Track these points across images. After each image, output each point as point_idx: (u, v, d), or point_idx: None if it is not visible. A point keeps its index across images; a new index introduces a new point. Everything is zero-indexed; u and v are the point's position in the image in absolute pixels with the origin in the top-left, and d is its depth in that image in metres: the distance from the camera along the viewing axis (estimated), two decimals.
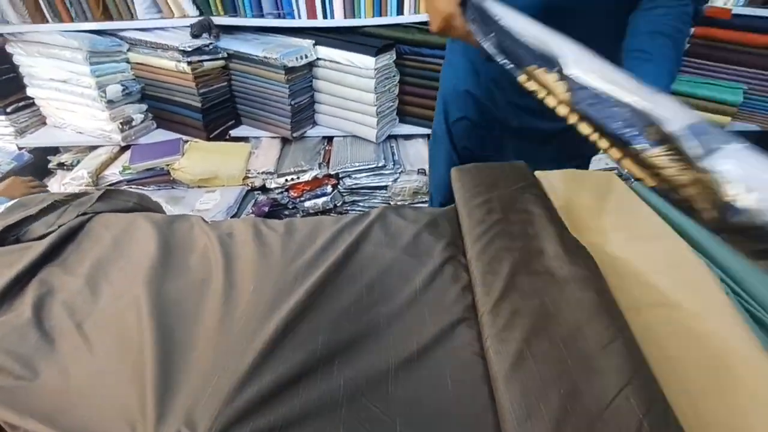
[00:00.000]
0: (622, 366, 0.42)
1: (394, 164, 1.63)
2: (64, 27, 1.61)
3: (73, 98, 1.69)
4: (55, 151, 1.94)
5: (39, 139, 1.86)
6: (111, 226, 0.74)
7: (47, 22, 1.64)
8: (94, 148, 1.82)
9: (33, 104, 1.87)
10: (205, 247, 0.69)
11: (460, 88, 0.99)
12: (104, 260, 0.66)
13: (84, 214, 0.76)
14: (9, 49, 1.70)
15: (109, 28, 1.63)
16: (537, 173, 0.85)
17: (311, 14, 1.60)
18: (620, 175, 0.86)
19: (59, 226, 0.71)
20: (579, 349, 0.45)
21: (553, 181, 0.81)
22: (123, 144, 1.74)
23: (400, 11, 1.58)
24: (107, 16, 1.64)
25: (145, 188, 1.61)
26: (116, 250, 0.69)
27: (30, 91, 1.79)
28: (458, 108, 1.02)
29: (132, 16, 1.62)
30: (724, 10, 1.52)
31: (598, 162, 1.67)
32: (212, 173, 1.56)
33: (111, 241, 0.70)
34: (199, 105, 1.62)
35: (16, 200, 0.77)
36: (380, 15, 1.59)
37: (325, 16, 1.60)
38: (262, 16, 1.62)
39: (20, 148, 1.86)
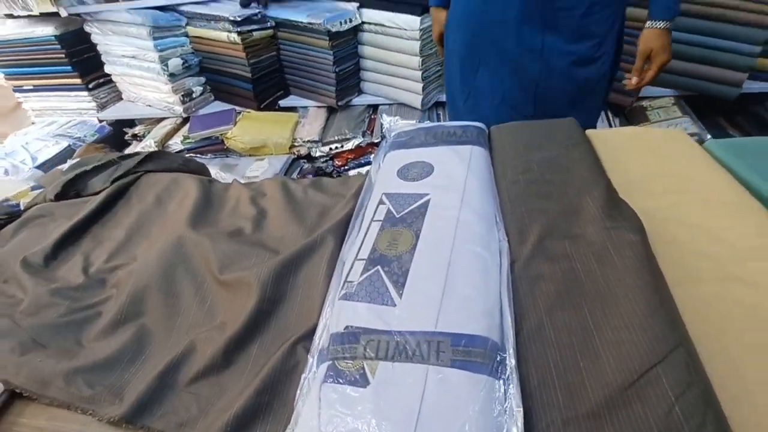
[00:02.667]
0: (658, 341, 0.36)
1: None
2: (130, 5, 1.72)
3: (140, 73, 1.83)
4: (131, 124, 2.13)
5: (116, 112, 2.05)
6: (155, 185, 0.79)
7: (116, 0, 1.76)
8: (161, 120, 1.97)
9: (110, 81, 2.05)
10: (237, 201, 0.72)
11: None
12: (145, 215, 0.71)
13: (135, 172, 0.82)
14: (87, 28, 1.86)
15: (170, 3, 1.72)
16: (590, 132, 0.75)
17: None
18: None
19: (112, 182, 0.78)
20: (608, 319, 0.39)
21: (610, 136, 0.72)
22: (184, 115, 1.85)
23: None
24: None
25: (203, 156, 1.71)
26: (158, 206, 0.74)
27: (107, 68, 1.96)
28: None
29: None
30: None
31: None
32: (261, 142, 1.61)
33: (154, 198, 0.75)
34: (250, 75, 1.66)
35: (77, 160, 0.85)
36: None
37: None
38: None
39: (101, 122, 2.06)
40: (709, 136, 1.37)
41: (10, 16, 1.96)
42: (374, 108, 1.77)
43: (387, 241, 0.52)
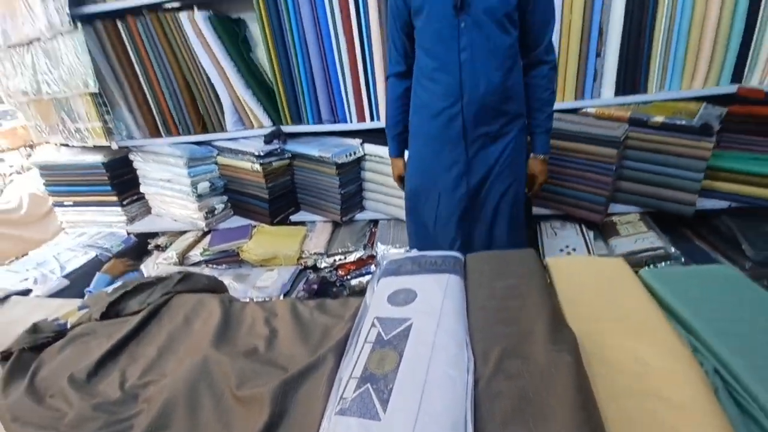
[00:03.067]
0: None
1: None
2: (172, 140, 2.07)
3: (172, 193, 2.10)
4: (154, 235, 2.35)
5: (144, 226, 2.28)
6: (184, 305, 0.93)
7: (161, 136, 2.12)
8: (183, 232, 2.19)
9: (142, 198, 2.33)
10: (253, 320, 0.85)
11: None
12: (174, 334, 0.84)
13: (167, 293, 0.97)
14: (131, 157, 2.19)
15: (205, 139, 2.06)
16: (548, 259, 0.91)
17: (360, 118, 1.90)
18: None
19: (148, 304, 0.92)
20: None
21: (563, 266, 0.87)
22: (206, 229, 2.07)
23: None
24: (204, 129, 2.08)
25: (218, 267, 1.88)
26: (186, 326, 0.87)
27: (142, 189, 2.25)
28: None
29: (223, 129, 2.04)
30: (758, 90, 1.53)
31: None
32: (272, 254, 1.79)
33: (182, 318, 0.89)
34: (267, 196, 1.92)
35: (120, 283, 1.01)
36: None
37: (372, 119, 1.88)
38: (321, 122, 1.95)
39: (128, 234, 2.29)
40: (673, 249, 1.53)
41: (66, 145, 2.33)
42: (375, 222, 1.99)
43: (376, 360, 0.64)
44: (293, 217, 2.07)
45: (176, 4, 1.86)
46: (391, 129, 1.39)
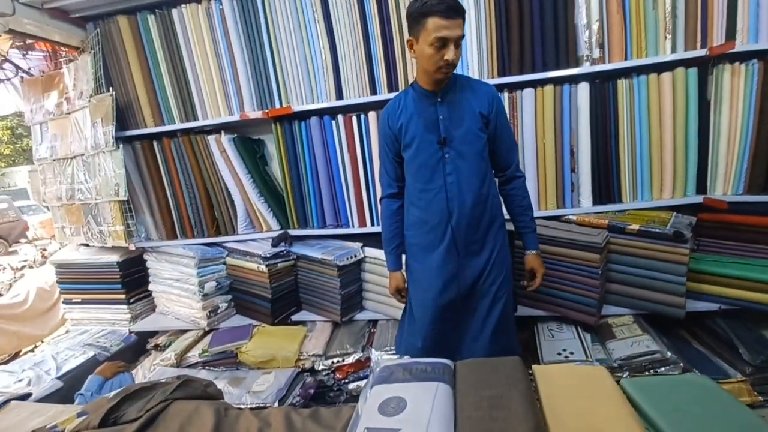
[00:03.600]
0: None
1: None
2: (186, 242, 2.22)
3: (178, 292, 2.18)
4: (155, 333, 2.36)
5: (146, 324, 2.31)
6: (180, 413, 0.95)
7: (176, 238, 2.27)
8: (184, 331, 2.21)
9: (149, 296, 2.40)
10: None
11: None
12: None
13: (165, 400, 1.00)
14: (145, 257, 2.32)
15: (217, 241, 2.21)
16: (534, 367, 0.95)
17: (362, 223, 2.06)
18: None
19: (147, 411, 0.94)
20: None
21: (548, 374, 0.91)
22: (207, 328, 2.10)
23: None
24: (217, 232, 2.24)
25: (215, 369, 1.87)
26: None
27: (151, 287, 2.34)
28: None
29: (234, 232, 2.20)
30: (720, 201, 1.68)
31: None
32: (271, 356, 1.79)
33: (178, 428, 0.90)
34: (270, 296, 1.99)
35: (121, 389, 1.04)
36: None
37: (372, 224, 2.04)
38: (325, 226, 2.11)
39: (130, 332, 2.31)
40: (669, 354, 1.53)
41: (85, 245, 2.48)
42: (374, 323, 2.01)
43: None
44: (294, 317, 2.11)
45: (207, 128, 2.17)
46: (387, 244, 1.50)
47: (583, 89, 1.76)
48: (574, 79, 1.78)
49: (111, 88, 2.04)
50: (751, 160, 1.69)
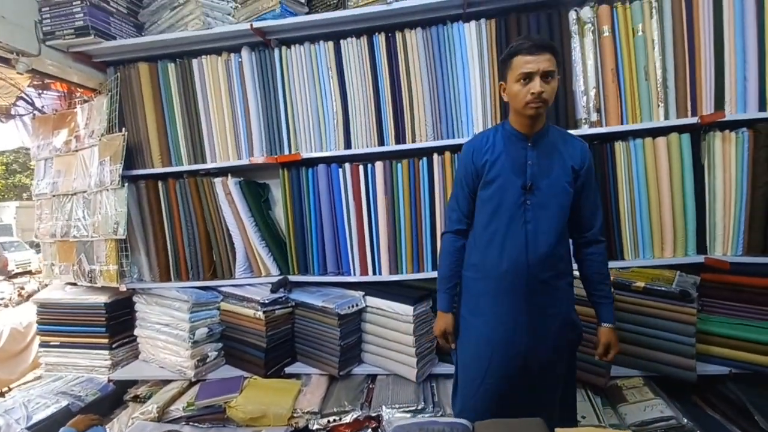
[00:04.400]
0: None
1: (433, 406, 1.65)
2: (180, 284, 2.14)
3: (165, 338, 2.07)
4: (134, 383, 2.20)
5: (127, 372, 2.17)
6: None
7: (170, 280, 2.19)
8: (167, 382, 2.06)
9: (133, 341, 2.27)
10: None
11: None
12: None
13: None
14: (135, 299, 2.23)
15: (212, 285, 2.14)
16: (557, 430, 0.89)
17: (363, 271, 2.02)
18: None
19: None
20: None
21: None
22: (193, 379, 1.97)
23: (434, 268, 1.95)
24: (214, 275, 2.18)
25: (201, 425, 1.72)
26: None
27: (137, 331, 2.22)
28: None
29: (231, 276, 2.14)
30: (722, 261, 1.70)
31: None
32: (262, 412, 1.67)
33: None
34: (265, 345, 1.90)
35: None
36: (418, 271, 1.97)
37: (374, 273, 2.01)
38: (326, 273, 2.07)
39: (109, 380, 2.15)
40: (685, 421, 1.46)
41: (73, 284, 2.38)
42: (373, 378, 1.91)
43: None
44: (288, 369, 1.99)
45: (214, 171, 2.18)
46: (444, 282, 1.39)
47: None
48: None
49: (123, 129, 2.07)
50: (748, 222, 1.73)
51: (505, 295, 1.26)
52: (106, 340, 2.18)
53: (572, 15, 1.81)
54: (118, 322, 2.23)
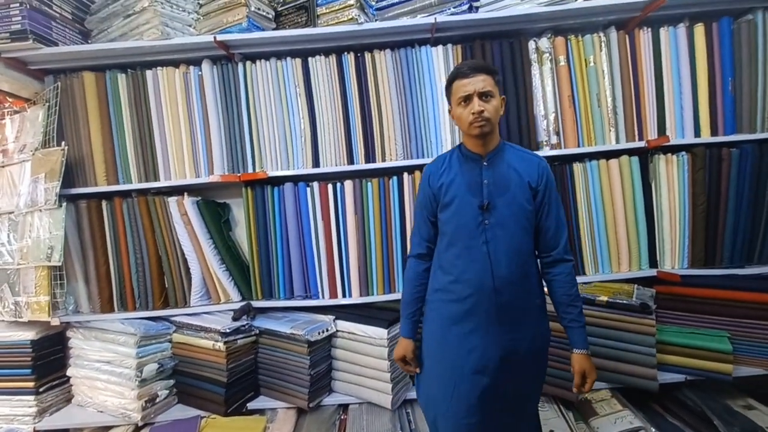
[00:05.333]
0: None
1: None
2: (125, 315, 1.91)
3: (107, 377, 1.82)
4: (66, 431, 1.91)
5: (57, 420, 1.88)
6: None
7: (113, 311, 1.96)
8: (107, 428, 1.81)
9: (65, 383, 1.98)
10: None
11: None
12: None
13: None
14: (69, 334, 1.96)
15: (163, 315, 1.94)
16: None
17: (332, 294, 1.94)
18: None
19: None
20: None
21: None
22: (140, 423, 1.74)
23: None
24: (165, 304, 1.98)
25: None
26: None
27: (70, 371, 1.94)
28: None
29: (186, 304, 1.95)
30: (674, 274, 1.83)
31: None
32: None
33: None
34: (225, 380, 1.73)
35: None
36: (390, 292, 1.92)
37: (344, 296, 1.93)
38: (293, 297, 1.95)
39: (35, 430, 1.84)
40: (653, 430, 1.51)
41: None
42: (344, 408, 1.80)
43: None
44: (251, 404, 1.83)
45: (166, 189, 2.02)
46: (406, 307, 1.37)
47: None
48: None
49: (63, 142, 1.86)
50: (691, 237, 1.89)
51: (471, 318, 1.23)
52: (32, 384, 1.88)
53: (531, 44, 1.92)
54: (46, 362, 1.94)
